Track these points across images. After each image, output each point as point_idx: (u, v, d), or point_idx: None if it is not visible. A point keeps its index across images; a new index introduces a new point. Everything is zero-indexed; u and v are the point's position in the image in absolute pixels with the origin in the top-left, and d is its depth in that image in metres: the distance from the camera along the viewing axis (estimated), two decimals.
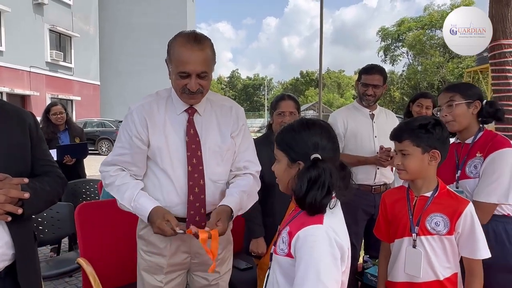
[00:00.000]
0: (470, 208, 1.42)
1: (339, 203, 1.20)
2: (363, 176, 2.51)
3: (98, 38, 23.89)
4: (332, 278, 1.01)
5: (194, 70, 1.42)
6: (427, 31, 32.38)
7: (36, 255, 1.41)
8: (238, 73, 69.11)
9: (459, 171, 1.76)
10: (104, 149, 16.16)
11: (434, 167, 1.49)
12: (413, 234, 1.48)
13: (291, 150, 1.14)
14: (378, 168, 2.51)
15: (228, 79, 67.20)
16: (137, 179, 1.57)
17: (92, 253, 2.10)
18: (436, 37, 32.05)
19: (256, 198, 1.71)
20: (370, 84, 2.53)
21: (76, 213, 2.12)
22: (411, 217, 1.50)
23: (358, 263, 2.93)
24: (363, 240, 2.70)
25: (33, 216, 1.69)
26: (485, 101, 1.77)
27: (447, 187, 1.58)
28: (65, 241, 3.55)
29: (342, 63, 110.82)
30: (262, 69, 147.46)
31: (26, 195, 1.17)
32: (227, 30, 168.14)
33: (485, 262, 1.51)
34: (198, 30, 1.53)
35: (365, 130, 2.58)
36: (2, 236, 1.22)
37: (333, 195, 1.15)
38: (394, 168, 2.76)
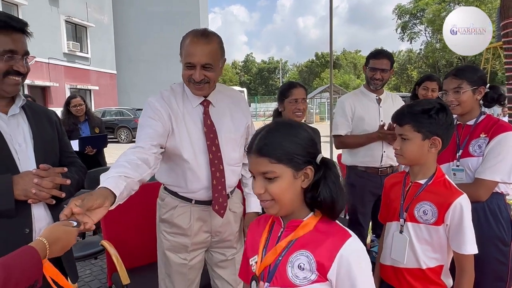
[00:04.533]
0: (461, 200, 1.36)
1: None
2: (369, 159, 2.60)
3: (113, 27, 24.14)
4: None
5: (198, 62, 1.54)
6: (446, 6, 31.33)
7: None
8: (252, 57, 68.68)
9: (460, 150, 1.84)
10: (123, 137, 16.54)
11: (434, 154, 1.45)
12: (401, 220, 1.48)
13: (294, 157, 0.96)
14: (384, 151, 2.59)
15: (243, 63, 66.85)
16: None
17: (115, 236, 2.27)
18: None
19: None
20: (378, 69, 2.60)
21: None
22: (402, 202, 1.50)
23: (367, 242, 3.04)
24: (370, 221, 2.80)
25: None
26: (488, 85, 1.85)
27: (448, 170, 1.66)
28: None
29: (358, 42, 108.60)
30: (277, 52, 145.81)
31: (68, 181, 1.34)
32: (241, 13, 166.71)
33: (481, 234, 1.59)
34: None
35: (372, 115, 2.65)
36: (45, 218, 1.39)
37: None
38: None
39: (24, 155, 1.35)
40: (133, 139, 16.69)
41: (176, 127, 1.61)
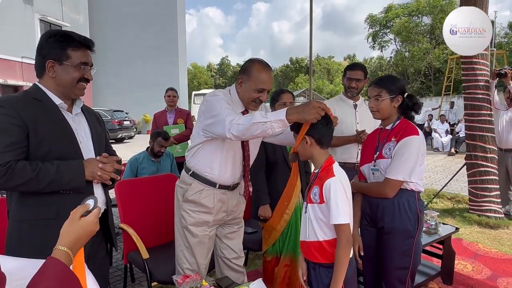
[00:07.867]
0: (330, 181, 1.61)
1: None
2: (347, 155, 3.05)
3: (89, 27, 23.86)
4: None
5: (268, 88, 2.00)
6: (414, 17, 32.79)
7: None
8: (228, 60, 68.47)
9: (377, 152, 2.08)
10: None
11: (317, 149, 1.72)
12: (305, 202, 1.76)
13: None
14: (359, 149, 3.03)
15: (218, 66, 66.88)
16: None
17: (130, 220, 2.60)
18: (422, 24, 32.52)
19: None
20: (354, 78, 3.07)
21: (116, 188, 2.61)
22: (308, 189, 1.78)
23: None
24: None
25: None
26: (406, 94, 2.06)
27: (369, 170, 2.04)
28: None
29: (331, 49, 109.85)
30: (252, 55, 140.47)
31: (123, 167, 1.67)
32: (216, 16, 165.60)
33: (391, 227, 1.97)
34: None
35: (349, 118, 3.10)
36: (101, 195, 1.74)
37: None
38: None
39: (86, 146, 1.69)
40: (111, 140, 16.61)
41: None
